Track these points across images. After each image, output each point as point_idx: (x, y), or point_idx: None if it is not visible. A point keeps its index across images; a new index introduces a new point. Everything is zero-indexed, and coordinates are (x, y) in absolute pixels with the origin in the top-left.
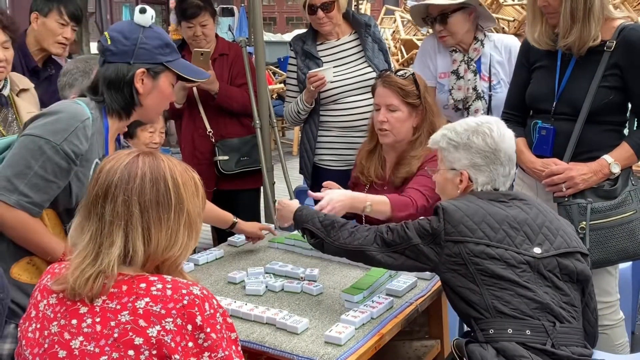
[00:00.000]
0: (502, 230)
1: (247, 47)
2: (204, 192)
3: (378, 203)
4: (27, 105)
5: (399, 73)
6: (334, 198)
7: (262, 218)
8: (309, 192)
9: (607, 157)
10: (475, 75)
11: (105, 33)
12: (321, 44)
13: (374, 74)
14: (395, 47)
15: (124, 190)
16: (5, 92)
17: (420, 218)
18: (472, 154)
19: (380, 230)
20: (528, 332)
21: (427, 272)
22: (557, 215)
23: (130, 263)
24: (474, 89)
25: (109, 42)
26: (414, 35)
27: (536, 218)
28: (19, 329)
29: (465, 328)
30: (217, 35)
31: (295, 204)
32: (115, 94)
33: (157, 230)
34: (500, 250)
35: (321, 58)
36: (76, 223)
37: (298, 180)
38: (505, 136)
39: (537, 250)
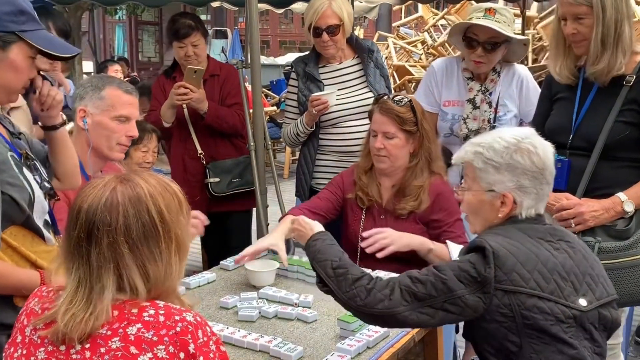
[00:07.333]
0: (553, 280)
1: (243, 69)
2: (187, 205)
3: (440, 248)
4: (18, 123)
5: (396, 99)
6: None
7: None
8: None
9: (621, 195)
10: (490, 107)
11: None
12: (323, 66)
13: None
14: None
15: (107, 232)
16: None
17: (458, 261)
18: (517, 175)
19: (404, 284)
20: None
21: None
22: (596, 257)
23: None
24: (489, 121)
25: None
26: (407, 61)
27: (580, 264)
28: (3, 354)
29: (460, 357)
30: (208, 56)
31: (313, 227)
32: None
33: (152, 265)
34: (551, 303)
35: (323, 81)
36: (59, 262)
37: (291, 203)
38: (548, 152)
39: (582, 302)
